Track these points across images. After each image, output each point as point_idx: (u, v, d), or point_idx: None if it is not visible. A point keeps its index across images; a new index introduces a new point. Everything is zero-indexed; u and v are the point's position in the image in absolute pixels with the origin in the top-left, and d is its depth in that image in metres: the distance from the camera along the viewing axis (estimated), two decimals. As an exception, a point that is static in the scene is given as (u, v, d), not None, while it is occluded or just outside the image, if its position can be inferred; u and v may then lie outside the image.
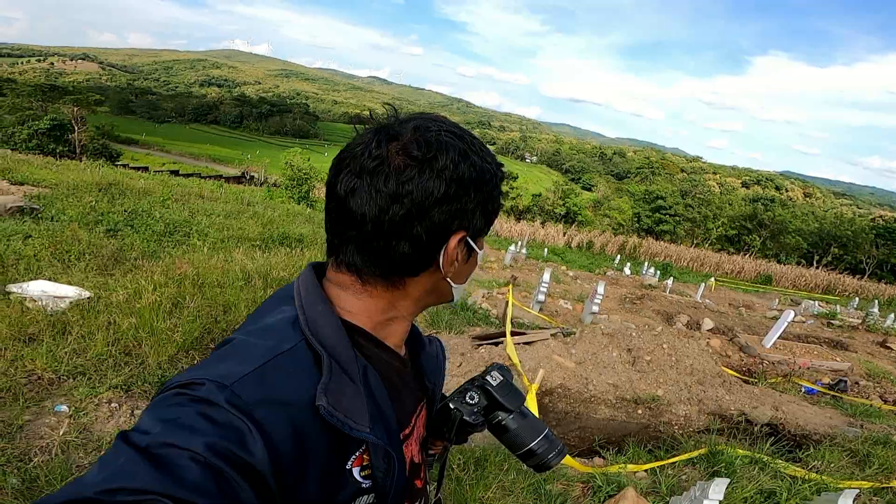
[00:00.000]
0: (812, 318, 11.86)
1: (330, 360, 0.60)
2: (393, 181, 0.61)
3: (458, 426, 0.79)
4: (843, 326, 10.74)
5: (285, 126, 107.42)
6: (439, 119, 0.68)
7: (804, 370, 6.77)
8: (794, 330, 9.03)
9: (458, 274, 0.71)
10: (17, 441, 2.51)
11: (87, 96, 37.69)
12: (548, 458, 0.80)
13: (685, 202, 44.17)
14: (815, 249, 37.79)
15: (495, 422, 0.81)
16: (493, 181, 0.68)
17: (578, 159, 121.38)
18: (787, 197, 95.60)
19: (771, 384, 6.11)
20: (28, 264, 4.57)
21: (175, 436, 0.48)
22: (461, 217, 0.65)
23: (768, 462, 3.42)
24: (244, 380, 0.54)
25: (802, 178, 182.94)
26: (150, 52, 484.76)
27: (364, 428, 0.60)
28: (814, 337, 8.99)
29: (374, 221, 0.62)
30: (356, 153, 0.64)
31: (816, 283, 26.02)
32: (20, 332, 3.32)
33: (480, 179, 0.66)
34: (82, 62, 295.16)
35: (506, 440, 0.81)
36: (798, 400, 5.34)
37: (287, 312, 0.65)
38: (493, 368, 0.84)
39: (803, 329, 9.64)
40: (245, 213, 9.78)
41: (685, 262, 26.59)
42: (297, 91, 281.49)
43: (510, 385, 0.82)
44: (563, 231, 27.64)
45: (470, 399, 0.80)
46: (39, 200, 7.26)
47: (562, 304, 9.03)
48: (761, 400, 4.94)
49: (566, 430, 4.35)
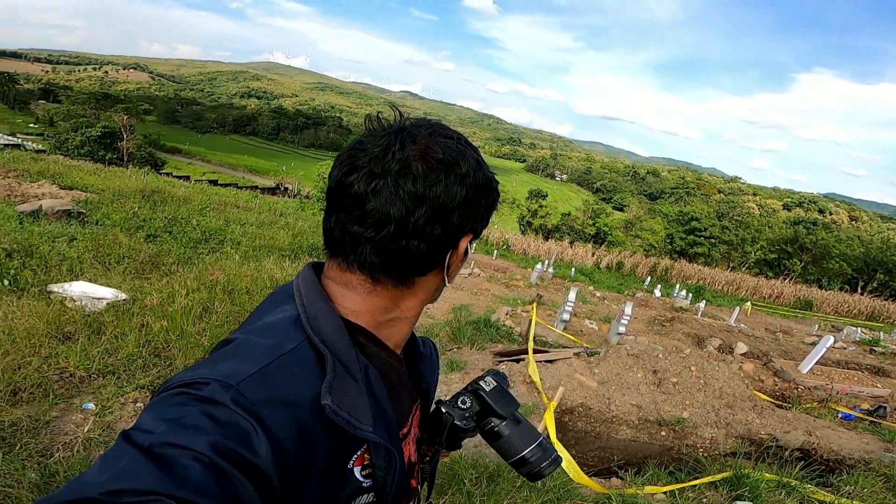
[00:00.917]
0: (854, 344, 11.32)
1: (334, 358, 0.61)
2: (421, 183, 0.62)
3: (449, 431, 0.79)
4: (885, 353, 10.21)
5: (319, 139, 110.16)
6: (443, 125, 0.71)
7: (842, 396, 6.46)
8: (833, 356, 8.64)
9: (452, 274, 0.74)
10: (42, 436, 2.56)
11: (136, 105, 39.12)
12: (541, 466, 0.78)
13: (722, 224, 42.89)
14: (860, 275, 36.07)
15: (488, 428, 0.80)
16: (496, 188, 0.73)
17: (610, 178, 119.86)
18: (831, 220, 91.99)
19: (806, 409, 5.86)
20: (71, 265, 4.79)
21: (179, 435, 0.48)
22: (473, 220, 0.69)
23: (796, 486, 3.27)
24: (249, 379, 0.54)
25: (848, 201, 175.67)
26: (196, 62, 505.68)
27: (367, 427, 0.60)
28: (854, 363, 8.58)
29: (399, 222, 0.63)
30: (375, 154, 0.63)
31: (860, 309, 24.82)
32: (57, 331, 3.45)
33: (489, 187, 0.70)
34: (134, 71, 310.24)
35: (498, 447, 0.80)
36: (833, 425, 5.10)
37: (288, 311, 0.65)
38: (487, 374, 0.84)
39: (844, 355, 9.20)
40: (277, 224, 10.02)
41: (720, 286, 25.77)
42: (332, 104, 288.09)
43: (504, 391, 0.82)
44: (592, 251, 27.22)
45: (462, 404, 0.80)
46: (86, 205, 7.63)
47: (587, 324, 8.88)
48: (794, 424, 4.75)
49: (585, 450, 4.26)
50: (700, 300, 15.29)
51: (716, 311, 15.22)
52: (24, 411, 2.68)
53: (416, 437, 0.81)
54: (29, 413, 2.68)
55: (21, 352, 3.11)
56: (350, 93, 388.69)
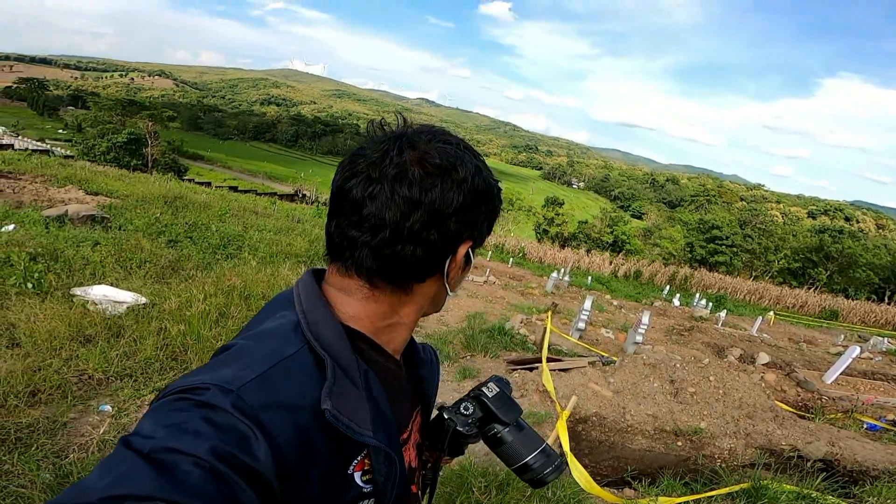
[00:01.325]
0: (881, 354, 10.98)
1: (334, 363, 0.61)
2: (416, 188, 0.63)
3: (452, 437, 0.79)
4: (913, 364, 9.88)
5: (337, 146, 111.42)
6: (445, 131, 0.71)
7: (868, 406, 6.28)
8: (859, 366, 8.39)
9: (454, 282, 0.73)
10: (58, 437, 2.59)
11: (161, 112, 39.87)
12: (544, 473, 0.78)
13: (744, 232, 42.09)
14: (888, 284, 35.03)
15: (490, 434, 0.80)
16: (498, 196, 0.73)
17: (628, 186, 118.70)
18: (857, 228, 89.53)
19: (829, 420, 5.70)
20: (94, 269, 4.89)
21: (179, 441, 0.47)
22: (472, 227, 0.68)
23: (817, 498, 3.18)
24: (249, 384, 0.54)
25: (875, 209, 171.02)
26: (218, 69, 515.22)
27: (367, 432, 0.60)
28: (881, 374, 8.32)
29: (394, 227, 0.63)
30: (374, 159, 0.64)
31: (887, 319, 24.06)
32: (78, 333, 3.52)
33: (490, 193, 0.70)
34: (158, 78, 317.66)
35: (500, 453, 0.80)
36: (858, 436, 4.96)
37: (288, 317, 0.66)
38: (490, 380, 0.84)
39: (870, 366, 8.93)
40: (294, 230, 10.13)
41: (741, 295, 25.25)
42: (349, 111, 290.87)
43: (507, 397, 0.82)
44: (610, 259, 26.93)
45: (464, 410, 0.80)
46: (110, 210, 7.81)
47: (603, 333, 8.78)
48: (816, 435, 4.62)
49: (599, 459, 4.20)
50: (721, 309, 15.00)
51: (737, 320, 14.91)
52: (41, 412, 2.72)
53: (416, 443, 0.80)
54: (46, 414, 2.71)
55: (42, 354, 3.17)
56: (367, 100, 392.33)
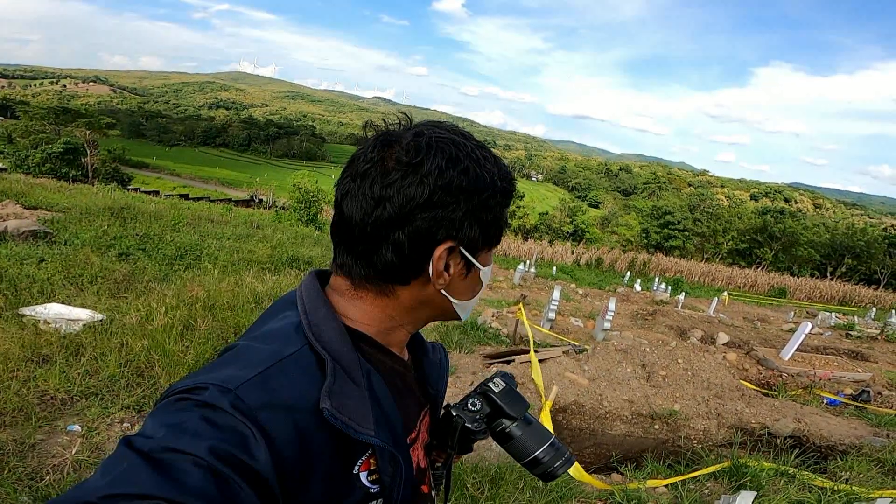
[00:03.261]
0: (829, 329, 11.68)
1: (334, 363, 0.60)
2: (378, 185, 0.61)
3: (461, 434, 0.78)
4: (861, 337, 10.56)
5: (292, 148, 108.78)
6: (447, 126, 0.67)
7: (825, 382, 6.65)
8: (812, 342, 8.89)
9: (457, 289, 0.69)
10: (29, 459, 2.52)
11: (98, 119, 38.07)
12: (554, 466, 0.78)
13: (694, 216, 43.73)
14: (829, 261, 37.28)
15: (499, 430, 0.80)
16: (488, 190, 0.65)
17: (584, 176, 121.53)
18: (796, 209, 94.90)
19: (791, 397, 5.99)
20: (42, 288, 4.61)
21: (178, 440, 0.48)
22: (447, 226, 0.63)
23: (795, 474, 3.32)
24: (248, 384, 0.54)
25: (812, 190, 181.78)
26: (160, 74, 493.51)
27: (369, 431, 0.59)
28: (833, 348, 8.84)
29: (360, 225, 0.63)
30: (355, 157, 0.66)
31: (832, 294, 25.68)
32: (33, 354, 3.35)
33: (472, 187, 0.63)
34: (94, 84, 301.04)
35: (510, 448, 0.79)
36: (821, 411, 5.23)
37: (290, 317, 0.65)
38: (496, 375, 0.84)
39: (821, 341, 9.48)
40: (254, 237, 9.84)
41: (696, 277, 26.35)
42: (304, 113, 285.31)
43: (513, 392, 0.81)
44: (572, 249, 27.54)
45: (472, 406, 0.79)
46: (53, 224, 7.36)
47: (573, 322, 8.95)
48: (783, 412, 4.84)
49: (581, 447, 4.27)
50: (679, 292, 15.58)
51: (695, 302, 15.53)
52: (7, 435, 2.65)
53: (425, 443, 0.80)
54: (13, 436, 2.63)
55: None
56: (322, 100, 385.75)
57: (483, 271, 0.70)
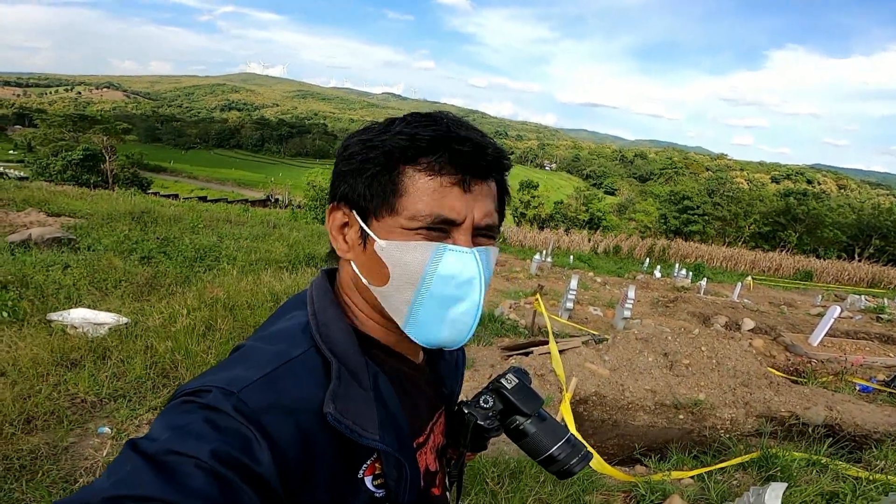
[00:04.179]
0: (859, 313, 11.35)
1: (339, 366, 0.59)
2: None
3: (473, 431, 0.77)
4: (893, 320, 10.23)
5: (305, 147, 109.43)
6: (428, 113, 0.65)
7: (857, 368, 6.45)
8: (841, 326, 8.65)
9: (362, 265, 0.64)
10: (63, 462, 2.58)
11: (115, 125, 38.42)
12: (570, 463, 0.76)
13: (713, 200, 42.89)
14: (856, 242, 36.28)
15: (513, 426, 0.78)
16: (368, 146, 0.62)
17: (599, 164, 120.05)
18: (819, 190, 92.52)
19: (822, 384, 5.83)
20: (68, 293, 4.73)
21: (181, 443, 0.48)
22: (334, 185, 0.67)
23: (828, 464, 3.23)
24: (251, 387, 0.54)
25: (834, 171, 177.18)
26: (171, 78, 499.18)
27: (373, 435, 0.59)
28: (863, 333, 8.59)
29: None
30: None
31: (860, 276, 24.96)
32: (63, 358, 3.44)
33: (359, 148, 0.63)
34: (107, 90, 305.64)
35: (525, 445, 0.78)
36: (853, 399, 5.07)
37: (298, 318, 0.65)
38: (509, 371, 0.82)
39: (851, 325, 9.22)
40: (271, 236, 9.94)
41: (718, 262, 25.88)
42: (315, 111, 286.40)
43: (526, 388, 0.80)
44: (588, 237, 27.26)
45: (484, 403, 0.78)
46: (76, 231, 7.52)
47: (591, 311, 8.86)
48: (813, 400, 4.71)
49: (604, 439, 4.23)
50: (701, 278, 15.32)
51: (717, 287, 15.26)
52: (40, 438, 2.70)
53: (437, 447, 0.78)
54: (46, 440, 2.70)
55: (29, 381, 3.13)
56: (332, 98, 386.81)
57: (381, 246, 0.61)
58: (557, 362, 4.51)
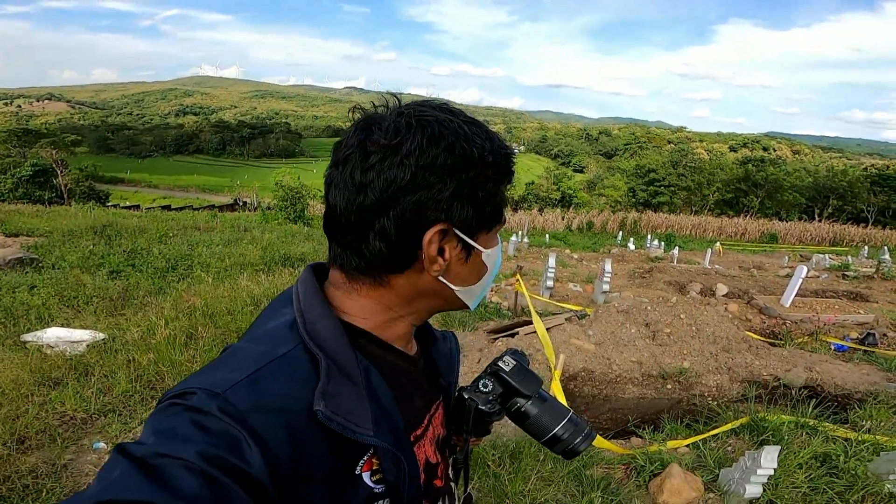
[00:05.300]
0: (825, 271, 11.80)
1: (328, 362, 0.58)
2: (359, 170, 0.59)
3: (475, 416, 0.76)
4: (858, 277, 10.64)
5: (269, 147, 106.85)
6: (435, 104, 0.63)
7: (830, 326, 6.58)
8: (810, 286, 8.96)
9: (458, 275, 0.66)
10: (64, 480, 2.57)
11: (63, 138, 36.79)
12: (575, 442, 0.76)
13: (677, 172, 43.86)
14: (814, 203, 37.74)
15: (514, 409, 0.78)
16: (477, 166, 0.61)
17: (566, 143, 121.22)
18: (776, 156, 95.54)
19: (798, 344, 5.96)
20: (39, 313, 4.59)
21: (168, 445, 0.47)
22: (434, 207, 0.59)
23: (816, 426, 3.31)
24: (236, 387, 0.53)
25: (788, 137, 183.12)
26: (116, 85, 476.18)
27: (367, 431, 0.58)
28: (831, 291, 8.91)
29: (345, 214, 0.60)
30: (337, 144, 0.63)
31: (822, 235, 26.04)
32: (44, 378, 3.37)
33: (459, 164, 0.59)
34: (49, 102, 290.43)
35: (528, 427, 0.78)
36: (830, 358, 5.19)
37: (286, 316, 0.63)
38: (506, 353, 0.81)
39: (819, 284, 9.57)
40: (243, 240, 9.75)
41: (688, 231, 26.61)
42: (276, 111, 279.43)
43: (524, 369, 0.79)
44: (562, 215, 27.63)
45: (483, 387, 0.77)
46: (37, 250, 7.23)
47: (571, 288, 8.99)
48: (793, 362, 4.85)
49: (597, 414, 4.31)
50: (673, 247, 15.71)
51: (689, 255, 15.66)
52: (37, 457, 2.70)
53: (437, 438, 0.77)
54: (43, 459, 2.69)
55: (14, 402, 3.08)
56: (293, 96, 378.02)
57: (486, 254, 0.66)
58: (546, 340, 4.55)
